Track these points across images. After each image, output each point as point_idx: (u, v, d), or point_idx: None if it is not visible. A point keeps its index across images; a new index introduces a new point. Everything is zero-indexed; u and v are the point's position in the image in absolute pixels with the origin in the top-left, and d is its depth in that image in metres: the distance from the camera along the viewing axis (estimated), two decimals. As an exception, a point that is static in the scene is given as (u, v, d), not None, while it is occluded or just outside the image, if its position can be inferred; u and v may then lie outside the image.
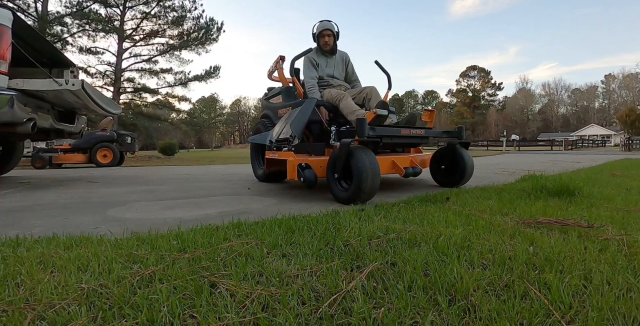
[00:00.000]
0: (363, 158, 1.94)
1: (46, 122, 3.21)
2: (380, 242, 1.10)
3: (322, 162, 2.26)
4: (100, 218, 1.71)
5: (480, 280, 0.78)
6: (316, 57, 3.08)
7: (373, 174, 1.92)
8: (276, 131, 2.73)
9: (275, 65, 3.54)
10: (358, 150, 1.98)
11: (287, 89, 3.25)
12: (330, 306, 0.69)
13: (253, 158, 3.67)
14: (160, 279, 0.82)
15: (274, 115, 3.26)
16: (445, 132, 2.75)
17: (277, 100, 3.31)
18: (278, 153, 2.54)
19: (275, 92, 3.39)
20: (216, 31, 17.05)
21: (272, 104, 3.39)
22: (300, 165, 2.17)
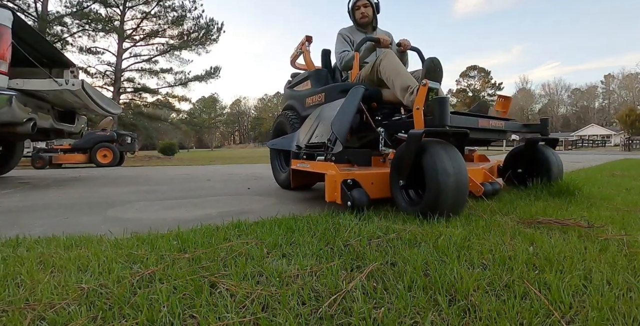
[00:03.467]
0: (443, 157, 1.35)
1: (46, 122, 3.21)
2: (380, 242, 1.10)
3: (374, 176, 1.64)
4: (100, 218, 1.71)
5: (480, 280, 0.78)
6: (351, 34, 2.53)
7: (458, 181, 1.32)
8: (304, 132, 2.18)
9: (300, 48, 2.98)
10: (435, 147, 1.39)
11: (317, 72, 2.64)
12: (330, 306, 0.69)
13: (274, 159, 3.04)
14: (160, 279, 0.82)
15: (301, 105, 2.61)
16: (525, 125, 2.19)
17: (304, 87, 2.67)
18: (310, 164, 1.94)
19: (301, 77, 2.77)
20: (216, 31, 17.07)
21: (297, 92, 2.75)
22: (346, 182, 1.56)
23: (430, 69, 1.68)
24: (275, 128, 3.01)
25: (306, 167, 2.00)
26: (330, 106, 2.03)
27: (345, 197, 1.54)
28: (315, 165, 1.89)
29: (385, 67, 1.95)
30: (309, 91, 2.54)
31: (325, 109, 2.06)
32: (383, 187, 1.64)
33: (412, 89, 1.75)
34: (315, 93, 2.39)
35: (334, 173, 1.61)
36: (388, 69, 1.94)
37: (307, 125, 2.22)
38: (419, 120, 1.56)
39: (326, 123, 1.89)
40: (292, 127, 2.57)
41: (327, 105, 2.09)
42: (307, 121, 2.25)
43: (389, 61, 1.95)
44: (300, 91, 2.71)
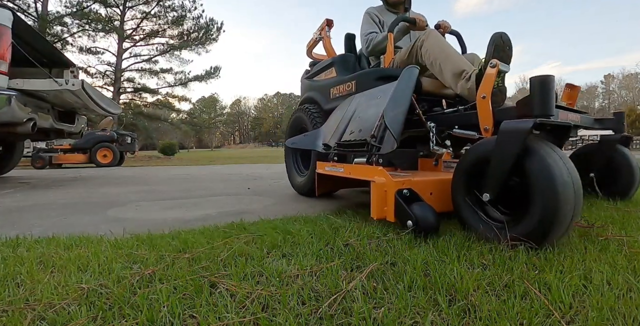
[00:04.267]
0: (558, 161, 0.99)
1: (46, 122, 3.21)
2: (380, 242, 1.10)
3: (434, 184, 1.30)
4: (100, 218, 1.71)
5: (480, 280, 0.79)
6: (380, 13, 2.23)
7: (577, 196, 0.98)
8: (332, 128, 1.80)
9: (320, 33, 2.64)
10: (545, 147, 1.02)
11: (343, 58, 2.29)
12: (330, 306, 0.69)
13: (289, 159, 2.65)
14: (160, 279, 0.82)
15: (324, 97, 2.25)
16: (597, 120, 1.83)
17: (328, 76, 2.31)
18: (345, 167, 1.57)
19: (324, 65, 2.38)
20: (216, 31, 17.08)
21: (319, 83, 2.39)
22: (401, 194, 1.18)
23: (499, 46, 1.32)
24: (292, 125, 2.58)
25: (338, 172, 1.62)
26: (367, 95, 1.67)
27: (403, 214, 1.15)
28: (353, 169, 1.51)
29: (431, 49, 1.64)
30: (334, 80, 2.18)
31: (360, 99, 1.70)
32: (445, 198, 1.26)
33: (468, 74, 1.46)
34: (343, 82, 2.04)
35: (383, 181, 1.23)
36: (434, 50, 1.62)
37: (334, 120, 1.85)
38: (486, 112, 1.28)
39: (364, 116, 1.55)
40: (313, 123, 2.22)
41: (361, 95, 1.73)
42: (335, 115, 1.90)
43: (435, 41, 1.64)
44: (323, 81, 2.34)
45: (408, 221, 1.12)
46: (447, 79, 1.57)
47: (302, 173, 2.50)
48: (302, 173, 2.50)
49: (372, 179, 1.29)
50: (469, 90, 1.43)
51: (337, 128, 1.73)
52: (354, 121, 1.63)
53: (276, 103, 70.91)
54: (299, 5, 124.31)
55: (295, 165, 2.61)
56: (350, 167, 1.55)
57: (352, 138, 1.54)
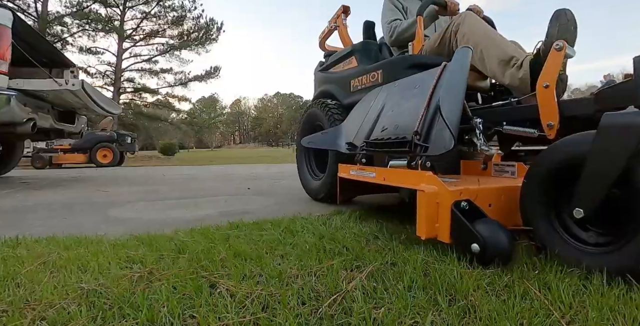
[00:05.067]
0: None
1: (46, 122, 3.21)
2: (380, 242, 1.10)
3: (495, 193, 1.03)
4: (100, 218, 1.71)
5: (480, 280, 0.78)
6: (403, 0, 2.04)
7: None
8: (356, 125, 1.58)
9: (335, 21, 2.41)
10: None
11: (365, 45, 2.07)
12: (330, 306, 0.69)
13: (302, 160, 2.39)
14: (160, 279, 0.82)
15: (342, 90, 2.05)
16: None
17: (347, 66, 2.10)
18: (378, 171, 1.32)
19: (342, 54, 2.16)
20: (216, 31, 17.09)
21: (336, 74, 2.18)
22: (459, 206, 0.94)
23: (564, 25, 1.11)
24: (305, 122, 2.34)
25: (368, 177, 1.36)
26: (400, 86, 1.45)
27: (463, 234, 0.89)
28: (390, 174, 1.24)
29: (469, 33, 1.45)
30: (355, 71, 1.96)
31: (391, 91, 1.49)
32: (508, 211, 1.01)
33: (519, 61, 1.26)
34: (366, 72, 1.82)
35: (434, 190, 0.96)
36: (474, 35, 1.43)
37: (358, 116, 1.63)
38: (550, 104, 1.07)
39: (400, 109, 1.33)
40: (330, 120, 1.99)
41: (391, 86, 1.52)
42: (358, 110, 1.69)
43: (474, 24, 1.44)
44: (341, 72, 2.13)
45: (473, 244, 0.86)
46: (491, 68, 1.36)
47: (317, 176, 2.25)
48: (317, 176, 2.25)
49: (419, 188, 1.00)
50: (521, 79, 1.23)
51: (363, 125, 1.52)
52: (385, 116, 1.41)
53: (276, 103, 70.92)
54: (299, 5, 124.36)
55: (309, 167, 2.35)
56: (385, 172, 1.28)
57: (386, 136, 1.30)
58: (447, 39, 1.58)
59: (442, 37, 1.60)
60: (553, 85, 1.08)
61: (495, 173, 1.40)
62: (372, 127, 1.44)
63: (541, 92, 1.10)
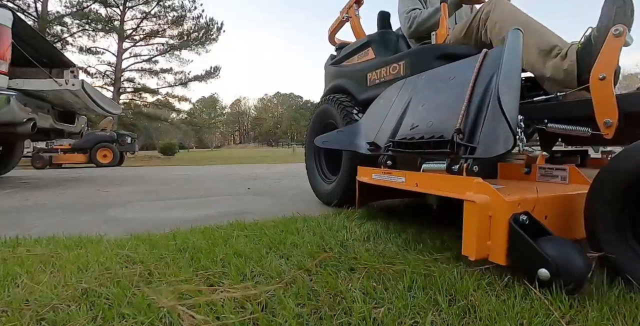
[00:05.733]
0: None
1: (46, 122, 3.21)
2: (380, 242, 1.10)
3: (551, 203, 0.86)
4: (100, 218, 1.71)
5: (480, 280, 0.78)
6: None
7: None
8: (377, 122, 1.44)
9: (347, 12, 2.26)
10: None
11: (382, 36, 1.90)
12: (330, 307, 0.69)
13: (311, 161, 2.24)
14: (160, 279, 0.82)
15: (358, 85, 1.88)
16: None
17: (363, 58, 1.93)
18: (407, 176, 1.14)
19: (357, 46, 1.99)
20: (216, 31, 17.11)
21: (351, 68, 2.02)
22: (518, 220, 0.77)
23: (621, 9, 1.00)
24: (316, 120, 2.19)
25: (396, 182, 1.18)
26: (429, 78, 1.29)
27: (526, 255, 0.74)
28: (425, 179, 1.06)
29: (501, 21, 1.32)
30: (372, 63, 1.80)
31: (419, 84, 1.33)
32: (567, 224, 0.87)
33: (563, 50, 1.14)
34: (386, 64, 1.67)
35: (487, 201, 0.79)
36: (507, 21, 1.30)
37: (379, 112, 1.49)
38: (607, 98, 0.94)
39: (432, 104, 1.18)
40: (345, 117, 1.84)
41: (417, 78, 1.37)
42: (378, 105, 1.54)
43: (506, 11, 1.31)
44: (356, 65, 1.97)
45: (540, 269, 0.70)
46: (528, 59, 1.23)
47: (329, 179, 2.08)
48: (329, 179, 2.08)
49: (466, 197, 0.82)
50: (567, 71, 1.10)
51: (386, 123, 1.37)
52: (413, 112, 1.26)
53: (276, 103, 70.92)
54: (299, 4, 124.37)
55: (319, 168, 2.18)
56: (418, 177, 1.09)
57: (417, 134, 1.13)
58: (475, 28, 1.45)
59: (469, 26, 1.47)
60: (611, 76, 0.93)
61: (541, 177, 1.21)
62: (397, 125, 1.29)
63: (596, 85, 0.95)
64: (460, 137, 0.98)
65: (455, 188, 0.91)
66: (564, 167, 1.09)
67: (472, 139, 0.96)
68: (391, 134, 1.29)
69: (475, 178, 0.86)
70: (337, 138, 1.66)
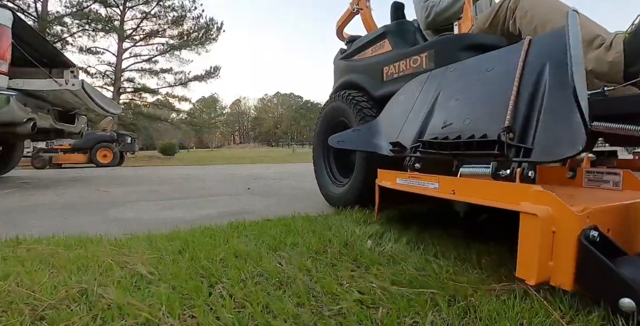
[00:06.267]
0: None
1: (46, 122, 3.21)
2: (380, 242, 1.10)
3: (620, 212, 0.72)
4: (100, 218, 1.71)
5: (479, 280, 0.78)
6: None
7: None
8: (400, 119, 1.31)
9: (357, 3, 2.14)
10: None
11: (399, 26, 1.76)
12: (329, 307, 0.69)
13: (319, 163, 2.12)
14: (160, 279, 0.82)
15: (373, 80, 1.76)
16: None
17: (378, 51, 1.79)
18: (442, 182, 0.97)
19: (371, 38, 1.86)
20: (216, 31, 17.13)
21: (364, 62, 1.88)
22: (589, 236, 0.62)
23: None
24: (325, 119, 2.07)
25: (427, 188, 1.00)
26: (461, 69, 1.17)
27: (602, 282, 0.61)
28: (465, 186, 0.88)
29: (532, 8, 1.24)
30: (389, 56, 1.66)
31: (448, 77, 1.20)
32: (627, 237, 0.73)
33: (608, 41, 1.05)
34: (405, 57, 1.54)
35: (549, 213, 0.66)
36: (539, 9, 1.21)
37: (399, 109, 1.37)
38: None
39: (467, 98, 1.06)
40: (359, 114, 1.71)
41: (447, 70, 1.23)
42: (398, 102, 1.43)
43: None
44: (370, 59, 1.83)
45: (622, 298, 0.57)
46: None
47: (339, 182, 1.95)
48: (339, 182, 1.95)
49: (522, 209, 0.68)
50: (612, 63, 1.01)
51: (410, 120, 1.25)
52: (443, 108, 1.14)
53: (276, 103, 70.93)
54: (299, 4, 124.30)
55: (329, 170, 2.05)
56: (456, 183, 0.91)
57: (452, 133, 1.01)
58: (501, 18, 1.36)
59: (495, 16, 1.38)
60: None
61: (588, 183, 1.06)
62: (423, 123, 1.17)
63: None
64: (510, 136, 0.84)
65: (507, 197, 0.75)
66: (617, 171, 0.96)
67: (525, 139, 0.84)
68: (418, 133, 1.16)
69: (533, 186, 0.71)
70: (353, 138, 1.54)
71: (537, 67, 0.90)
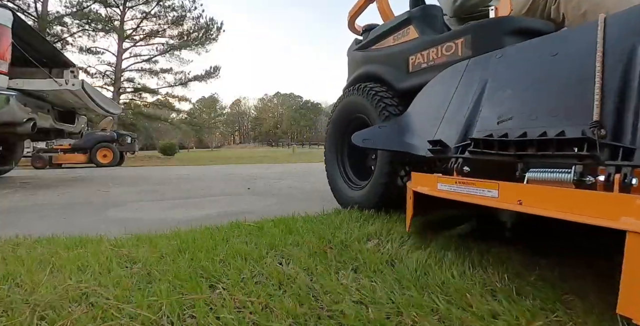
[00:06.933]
0: None
1: (46, 122, 3.21)
2: (380, 242, 1.10)
3: None
4: (100, 218, 1.71)
5: (479, 280, 0.78)
6: None
7: None
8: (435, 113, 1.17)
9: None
10: None
11: (424, 11, 1.57)
12: (329, 307, 0.69)
13: (332, 165, 1.97)
14: (160, 279, 0.82)
15: (397, 71, 1.60)
16: None
17: (402, 39, 1.61)
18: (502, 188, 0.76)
19: (392, 25, 1.67)
20: (216, 31, 17.13)
21: (385, 51, 1.72)
22: None
23: None
24: (339, 115, 1.92)
25: (483, 196, 0.81)
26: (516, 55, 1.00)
27: None
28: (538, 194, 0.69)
29: None
30: (416, 44, 1.51)
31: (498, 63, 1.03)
32: None
33: None
34: (436, 43, 1.39)
35: None
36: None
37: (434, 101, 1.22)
38: None
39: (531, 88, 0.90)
40: (382, 110, 1.56)
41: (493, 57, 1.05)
42: (432, 93, 1.28)
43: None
44: (392, 48, 1.66)
45: None
46: None
47: (356, 184, 1.80)
48: (356, 184, 1.80)
49: (628, 226, 0.52)
50: None
51: (450, 115, 1.10)
52: (495, 99, 0.98)
53: (276, 103, 70.93)
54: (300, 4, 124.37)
55: (343, 172, 1.89)
56: (525, 191, 0.72)
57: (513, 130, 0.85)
58: (542, 3, 1.27)
59: (534, 0, 1.29)
60: None
61: None
62: (469, 118, 1.01)
63: None
64: (601, 133, 0.68)
65: (601, 211, 0.58)
66: None
67: (621, 137, 0.67)
68: (463, 130, 1.00)
69: (638, 197, 0.54)
70: (380, 136, 1.37)
71: (625, 48, 0.74)
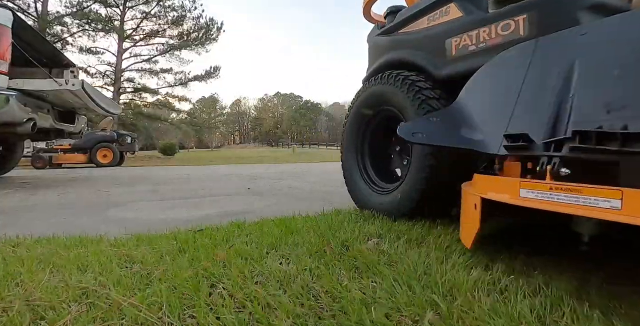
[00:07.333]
0: None
1: (46, 122, 3.21)
2: (380, 242, 1.10)
3: None
4: (100, 218, 1.71)
5: (479, 280, 0.78)
6: None
7: None
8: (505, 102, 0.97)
9: None
10: None
11: None
12: (329, 306, 0.69)
13: (352, 166, 1.76)
14: (160, 279, 0.82)
15: (434, 57, 1.44)
16: None
17: (440, 20, 1.43)
18: (625, 196, 0.58)
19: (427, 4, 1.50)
20: (216, 31, 17.12)
21: (418, 34, 1.53)
22: None
23: None
24: (360, 110, 1.71)
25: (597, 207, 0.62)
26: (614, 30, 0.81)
27: None
28: None
29: None
30: (460, 23, 1.33)
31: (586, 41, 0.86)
32: None
33: None
34: (489, 22, 1.22)
35: None
36: None
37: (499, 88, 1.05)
38: None
39: None
40: (416, 101, 1.37)
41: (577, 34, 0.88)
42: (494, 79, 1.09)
43: None
44: (427, 30, 1.49)
45: None
46: None
47: (381, 188, 1.61)
48: (381, 188, 1.61)
49: None
50: None
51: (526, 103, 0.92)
52: (593, 83, 0.79)
53: (276, 103, 70.92)
54: (300, 4, 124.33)
55: (364, 174, 1.69)
56: None
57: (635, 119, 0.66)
58: None
59: None
60: None
61: None
62: (558, 106, 0.82)
63: None
64: None
65: None
66: None
67: None
68: (552, 121, 0.82)
69: None
70: (432, 130, 1.11)
71: None
